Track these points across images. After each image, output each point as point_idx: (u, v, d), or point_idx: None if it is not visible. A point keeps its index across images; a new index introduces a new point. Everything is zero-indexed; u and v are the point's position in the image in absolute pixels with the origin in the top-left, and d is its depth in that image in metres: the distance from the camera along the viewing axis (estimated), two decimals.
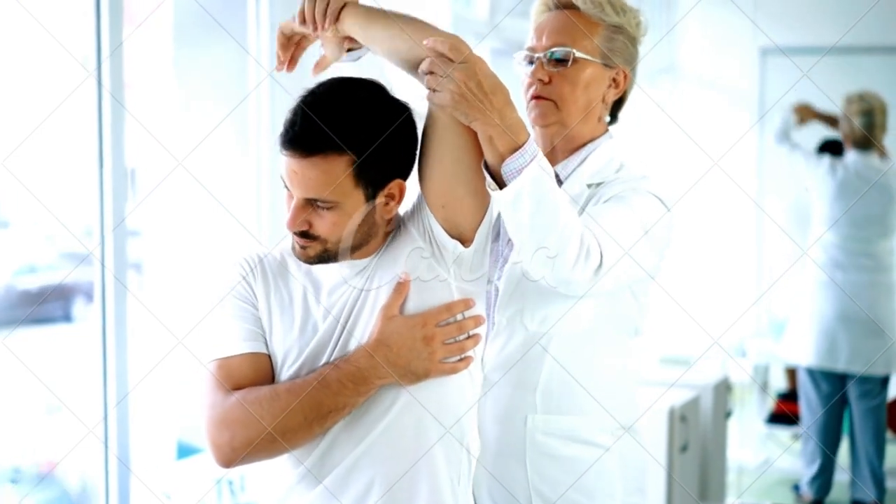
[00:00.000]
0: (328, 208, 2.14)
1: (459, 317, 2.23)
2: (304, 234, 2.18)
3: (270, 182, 4.69)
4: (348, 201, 2.15)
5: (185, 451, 4.90)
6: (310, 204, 2.15)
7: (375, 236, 2.25)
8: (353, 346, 2.22)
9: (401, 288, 2.20)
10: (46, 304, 9.95)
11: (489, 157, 2.18)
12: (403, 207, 2.34)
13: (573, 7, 2.57)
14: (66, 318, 10.02)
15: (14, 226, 8.99)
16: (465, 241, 2.22)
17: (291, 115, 2.13)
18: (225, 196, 4.64)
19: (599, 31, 2.56)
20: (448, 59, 2.11)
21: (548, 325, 2.52)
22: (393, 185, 2.20)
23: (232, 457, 2.19)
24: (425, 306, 2.22)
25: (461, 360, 2.23)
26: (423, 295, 2.23)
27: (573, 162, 2.58)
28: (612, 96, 2.62)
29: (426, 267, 2.23)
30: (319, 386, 2.16)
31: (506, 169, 2.16)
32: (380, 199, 2.19)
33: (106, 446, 3.98)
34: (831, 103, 7.51)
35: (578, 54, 2.52)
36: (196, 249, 4.91)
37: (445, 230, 2.21)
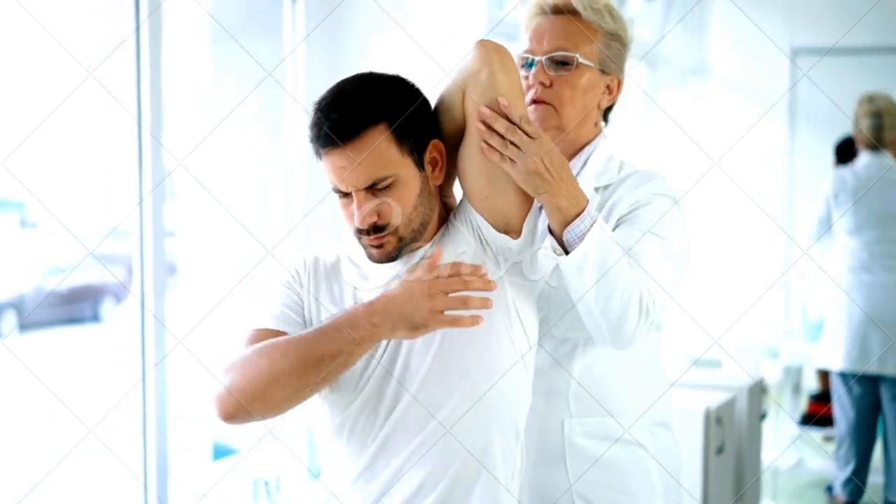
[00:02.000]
0: (388, 186, 2.16)
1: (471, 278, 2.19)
2: (375, 229, 2.19)
3: (306, 180, 4.70)
4: (402, 171, 2.17)
5: (220, 453, 4.91)
6: (370, 193, 2.17)
7: (433, 213, 2.26)
8: (404, 342, 2.24)
9: (430, 264, 2.16)
10: (76, 305, 10.02)
11: (553, 223, 2.25)
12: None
13: (572, 13, 2.58)
14: (95, 318, 10.08)
15: (42, 227, 9.04)
16: (513, 233, 2.23)
17: (316, 120, 2.17)
18: (262, 195, 4.65)
19: (598, 37, 2.58)
20: (523, 132, 2.18)
21: (573, 330, 2.54)
22: (432, 147, 2.23)
23: (229, 403, 2.15)
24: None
25: (471, 317, 2.14)
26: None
27: (575, 166, 2.59)
28: (605, 103, 2.64)
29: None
30: (316, 333, 2.15)
31: (568, 235, 2.24)
32: (427, 167, 2.22)
33: (144, 448, 4.00)
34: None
35: (581, 59, 2.54)
36: (229, 250, 4.92)
37: (491, 223, 2.22)
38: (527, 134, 2.18)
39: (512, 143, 2.17)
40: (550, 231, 2.28)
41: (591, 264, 2.22)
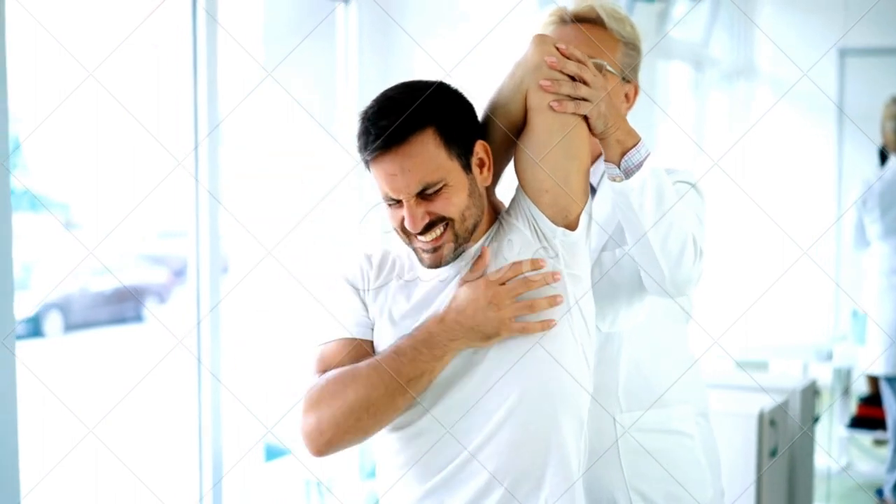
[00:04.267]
0: (438, 190, 2.16)
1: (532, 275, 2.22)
2: (430, 227, 2.19)
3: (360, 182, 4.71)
4: (451, 175, 2.16)
5: (272, 454, 4.92)
6: (421, 199, 2.17)
7: (483, 214, 2.26)
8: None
9: (479, 261, 2.22)
10: (121, 305, 10.08)
11: (613, 155, 2.28)
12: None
13: (595, 22, 2.61)
14: (138, 318, 10.14)
15: (87, 228, 9.09)
16: (572, 226, 2.24)
17: (363, 129, 2.17)
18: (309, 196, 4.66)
19: (619, 46, 2.61)
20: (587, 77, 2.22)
21: (618, 324, 2.57)
22: (478, 148, 2.23)
23: (320, 440, 2.19)
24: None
25: (540, 323, 2.20)
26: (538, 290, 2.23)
27: (598, 169, 2.60)
28: (624, 111, 2.64)
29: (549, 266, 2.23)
30: (395, 356, 2.17)
31: (626, 164, 2.26)
32: (474, 169, 2.22)
33: (200, 449, 4.01)
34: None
35: (608, 67, 2.55)
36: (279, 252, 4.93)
37: (549, 217, 2.23)
38: (591, 70, 2.24)
39: (583, 81, 2.21)
40: (606, 164, 2.31)
41: (651, 189, 2.25)
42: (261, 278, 5.03)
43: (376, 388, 2.16)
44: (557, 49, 2.22)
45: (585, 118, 2.22)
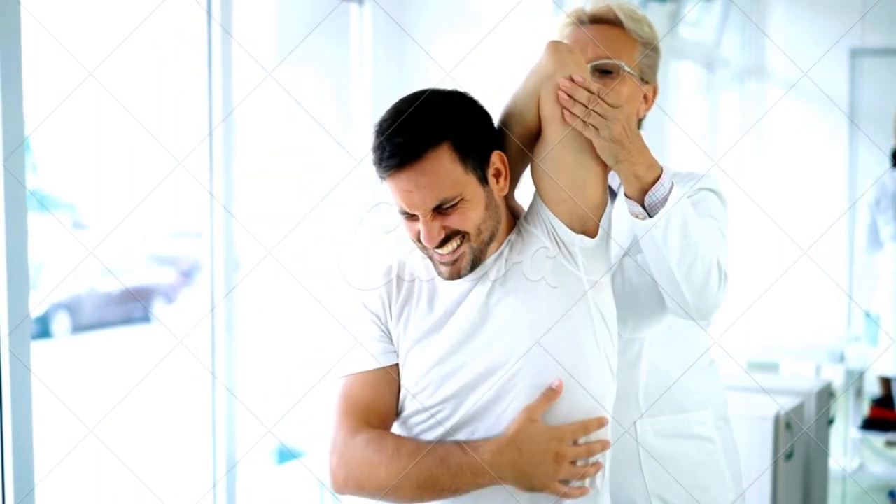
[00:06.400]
0: (454, 205, 2.14)
1: (593, 437, 2.21)
2: (446, 241, 2.16)
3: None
4: (468, 189, 2.14)
5: (285, 457, 4.92)
6: (437, 215, 2.15)
7: (500, 223, 2.24)
8: (475, 357, 2.21)
9: (551, 394, 2.17)
10: (129, 305, 10.07)
11: (632, 190, 2.24)
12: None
13: (612, 22, 2.58)
14: (147, 318, 10.13)
15: (95, 228, 9.08)
16: (591, 233, 2.22)
17: (378, 144, 2.14)
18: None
19: (638, 47, 2.59)
20: (605, 102, 2.18)
21: (640, 330, 2.55)
22: (495, 159, 2.20)
23: (344, 490, 2.20)
24: (560, 309, 2.19)
25: (579, 489, 2.19)
26: (556, 294, 2.20)
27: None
28: (642, 112, 2.64)
29: (551, 268, 2.21)
30: (440, 463, 2.14)
31: (649, 200, 2.22)
32: (490, 180, 2.19)
33: (214, 452, 4.00)
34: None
35: (627, 68, 2.53)
36: (293, 249, 4.93)
37: (567, 224, 2.21)
38: (607, 104, 2.18)
39: (594, 111, 2.16)
40: (627, 200, 2.28)
41: (675, 226, 2.21)
42: (273, 279, 5.02)
43: (409, 481, 2.14)
44: (572, 78, 2.19)
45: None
